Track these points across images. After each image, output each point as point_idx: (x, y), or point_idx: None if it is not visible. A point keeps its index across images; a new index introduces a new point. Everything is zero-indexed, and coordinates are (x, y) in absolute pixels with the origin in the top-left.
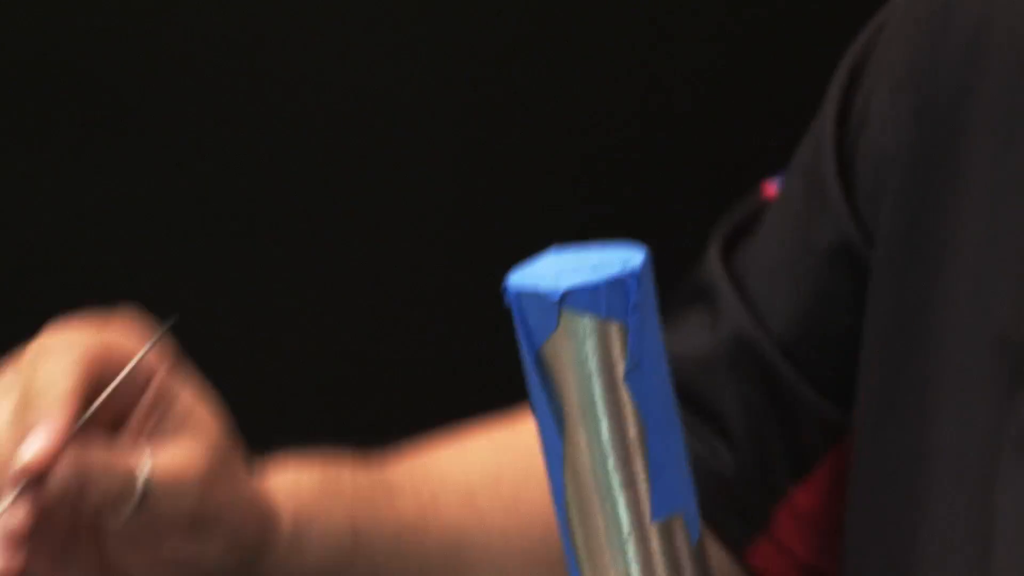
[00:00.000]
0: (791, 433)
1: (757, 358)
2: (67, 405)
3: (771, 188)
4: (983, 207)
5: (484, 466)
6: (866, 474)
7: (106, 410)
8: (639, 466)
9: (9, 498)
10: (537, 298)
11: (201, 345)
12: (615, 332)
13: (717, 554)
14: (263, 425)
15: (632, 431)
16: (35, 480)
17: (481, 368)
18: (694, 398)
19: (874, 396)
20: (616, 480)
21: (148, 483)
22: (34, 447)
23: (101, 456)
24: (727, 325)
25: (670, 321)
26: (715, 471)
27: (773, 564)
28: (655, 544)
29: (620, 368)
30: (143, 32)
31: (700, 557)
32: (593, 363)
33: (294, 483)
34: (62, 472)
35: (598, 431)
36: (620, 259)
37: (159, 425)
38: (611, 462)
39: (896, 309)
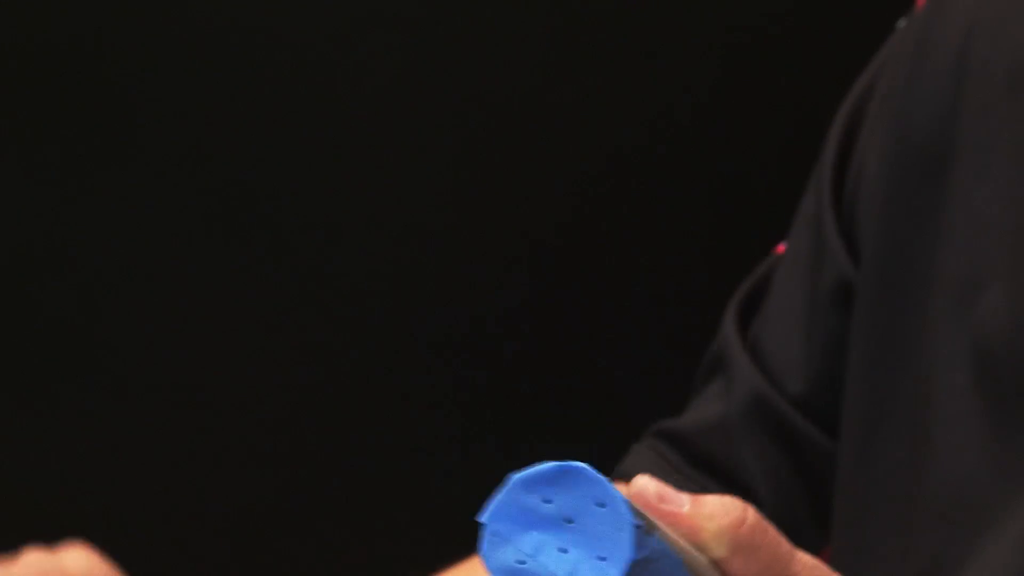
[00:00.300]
0: (819, 491)
1: (773, 418)
2: None
3: (782, 248)
4: (964, 227)
5: None
6: (851, 499)
7: None
8: None
9: None
10: None
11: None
12: None
13: None
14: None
15: None
16: None
17: (480, 368)
18: (718, 466)
19: (859, 421)
20: None
21: None
22: None
23: None
24: (741, 390)
25: (694, 396)
26: None
27: None
28: None
29: None
30: (145, 32)
31: None
32: None
33: None
34: None
35: None
36: (593, 571)
37: None
38: None
39: (880, 333)
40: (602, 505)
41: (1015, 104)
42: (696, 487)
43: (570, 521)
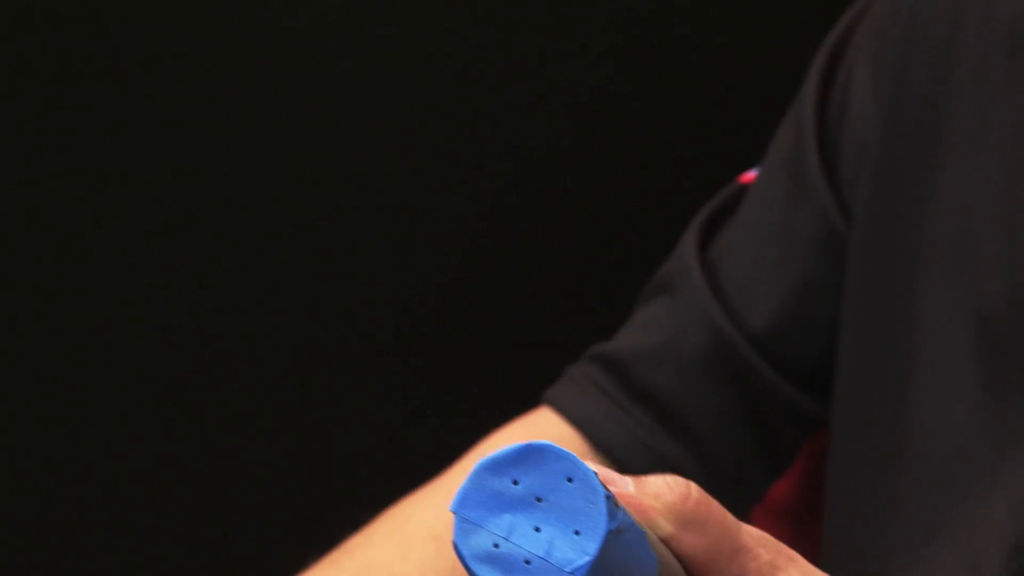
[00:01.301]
0: (767, 433)
1: (731, 358)
2: None
3: (748, 177)
4: (959, 191)
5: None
6: (844, 461)
7: None
8: None
9: None
10: None
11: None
12: None
13: None
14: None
15: None
16: None
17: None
18: (658, 397)
19: (852, 382)
20: None
21: None
22: None
23: None
24: (693, 317)
25: (635, 312)
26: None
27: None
28: None
29: None
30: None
31: None
32: None
33: None
34: None
35: None
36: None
37: None
38: None
39: (874, 294)
40: (571, 480)
41: (1012, 68)
42: (631, 420)
43: (540, 500)
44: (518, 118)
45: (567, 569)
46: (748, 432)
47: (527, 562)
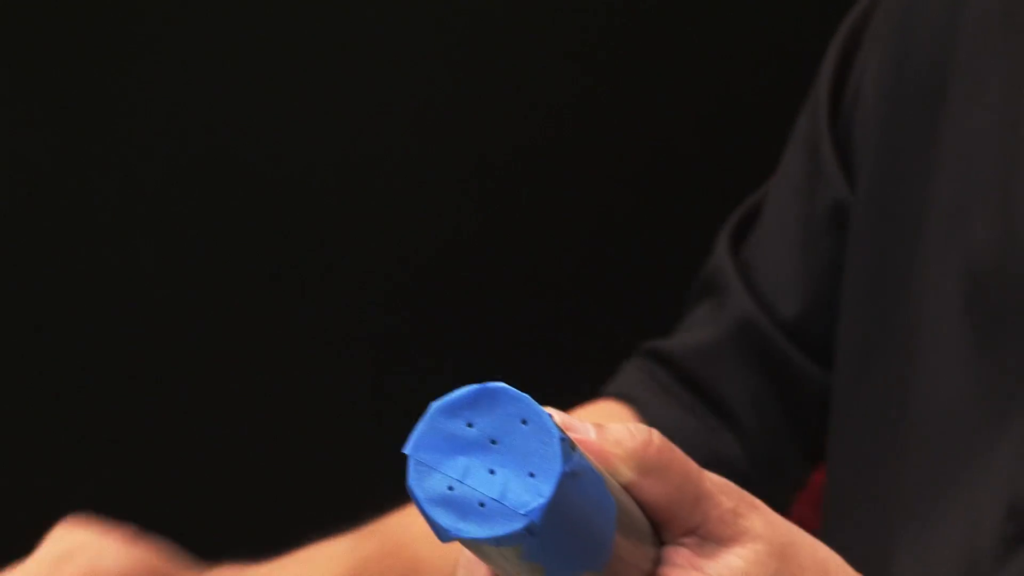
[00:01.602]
0: (802, 420)
1: (762, 344)
2: None
3: None
4: (958, 155)
5: None
6: (846, 427)
7: None
8: None
9: None
10: (435, 526)
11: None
12: (520, 549)
13: None
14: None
15: None
16: None
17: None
18: (706, 389)
19: (854, 349)
20: None
21: None
22: None
23: None
24: (732, 315)
25: (685, 317)
26: (733, 468)
27: None
28: None
29: (517, 552)
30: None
31: None
32: (499, 561)
33: None
34: None
35: None
36: (524, 488)
37: None
38: None
39: (874, 260)
40: (526, 422)
41: (1008, 39)
42: (683, 408)
43: (495, 442)
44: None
45: (522, 511)
46: (785, 419)
47: (482, 505)
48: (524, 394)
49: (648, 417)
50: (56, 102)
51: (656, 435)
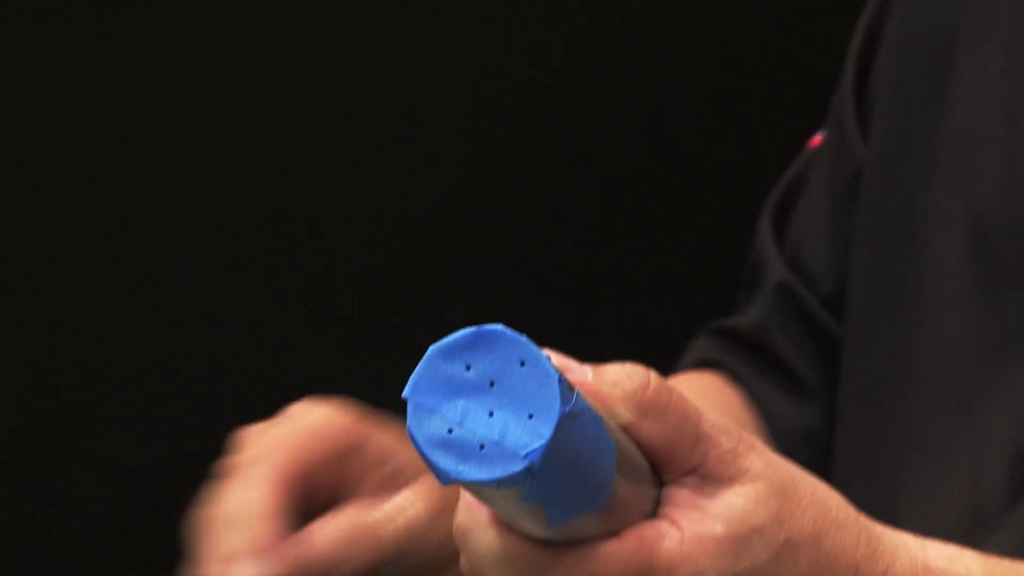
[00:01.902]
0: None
1: (802, 311)
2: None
3: (816, 140)
4: (963, 115)
5: None
6: (853, 376)
7: (338, 486)
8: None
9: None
10: (435, 468)
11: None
12: (521, 491)
13: None
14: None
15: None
16: None
17: None
18: (771, 357)
19: (863, 297)
20: None
21: (399, 544)
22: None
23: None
24: (770, 284)
25: (740, 303)
26: (805, 427)
27: None
28: None
29: (517, 493)
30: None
31: None
32: (500, 503)
33: None
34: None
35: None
36: (523, 430)
37: (384, 484)
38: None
39: (883, 218)
40: (524, 364)
41: None
42: (755, 372)
43: (493, 384)
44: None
45: (521, 453)
46: (830, 383)
47: (481, 447)
48: (522, 335)
49: (743, 386)
50: (56, 102)
51: (654, 376)
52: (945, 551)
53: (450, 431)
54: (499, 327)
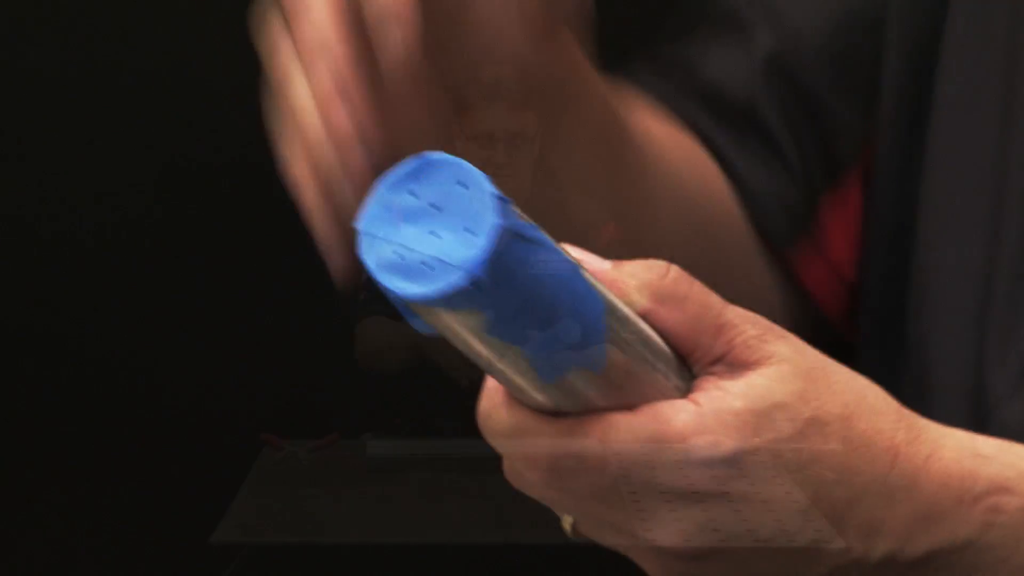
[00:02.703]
0: (825, 142)
1: (791, 75)
2: None
3: None
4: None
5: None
6: (879, 211)
7: None
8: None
9: None
10: (389, 292)
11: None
12: (480, 319)
13: (775, 274)
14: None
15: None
16: None
17: None
18: (740, 117)
19: (891, 133)
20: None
21: None
22: None
23: None
24: (759, 52)
25: (702, 45)
26: (765, 185)
27: (824, 283)
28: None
29: (481, 322)
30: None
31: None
32: (471, 339)
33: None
34: None
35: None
36: (463, 244)
37: None
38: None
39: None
40: (464, 186)
41: None
42: (735, 145)
43: (438, 208)
44: None
45: (465, 267)
46: (810, 138)
47: (426, 265)
48: (460, 159)
49: (719, 158)
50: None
51: (674, 269)
52: (994, 441)
53: (399, 256)
54: (439, 154)
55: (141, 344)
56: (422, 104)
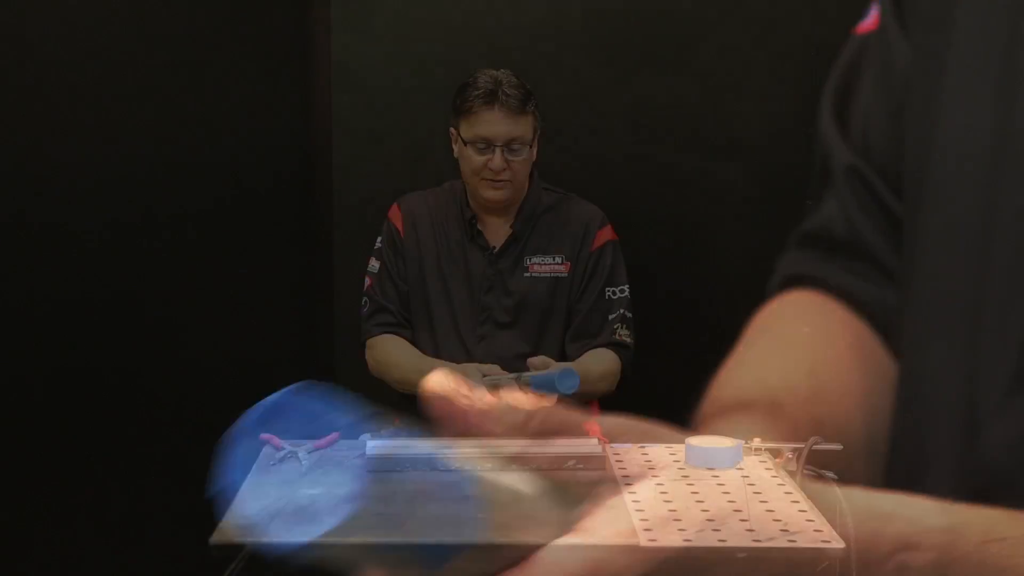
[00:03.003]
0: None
1: (869, 188)
2: None
3: (864, 27)
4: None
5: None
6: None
7: None
8: None
9: None
10: None
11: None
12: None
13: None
14: None
15: None
16: None
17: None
18: (862, 253)
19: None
20: None
21: None
22: None
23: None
24: (839, 167)
25: (811, 199)
26: (893, 306)
27: None
28: None
29: None
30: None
31: None
32: None
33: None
34: None
35: None
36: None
37: None
38: None
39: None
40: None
41: None
42: (844, 269)
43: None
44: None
45: None
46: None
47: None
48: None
49: (831, 288)
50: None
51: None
52: (891, 497)
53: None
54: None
55: (141, 344)
56: None
